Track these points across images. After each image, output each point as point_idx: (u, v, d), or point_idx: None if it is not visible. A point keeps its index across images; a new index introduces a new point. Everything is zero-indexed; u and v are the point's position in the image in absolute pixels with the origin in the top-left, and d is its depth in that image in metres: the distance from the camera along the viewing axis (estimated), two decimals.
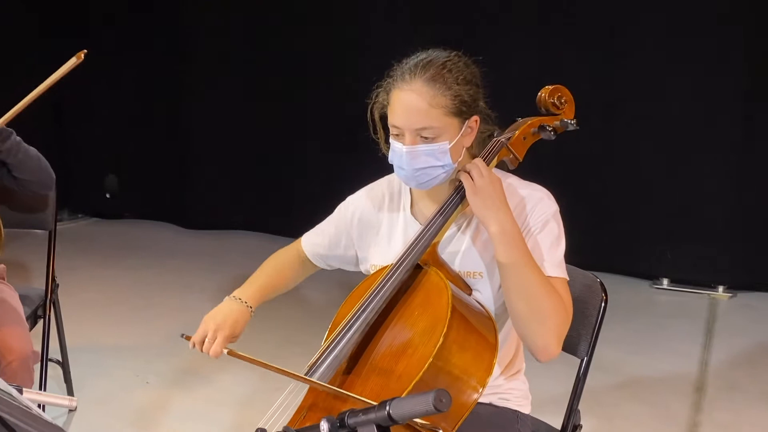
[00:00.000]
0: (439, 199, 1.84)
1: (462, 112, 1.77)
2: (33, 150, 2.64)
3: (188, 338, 1.83)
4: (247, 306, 1.94)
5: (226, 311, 1.90)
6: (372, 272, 1.92)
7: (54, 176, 2.73)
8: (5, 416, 1.03)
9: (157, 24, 5.97)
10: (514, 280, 1.71)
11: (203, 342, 1.83)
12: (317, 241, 2.09)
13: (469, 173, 1.76)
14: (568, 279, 1.80)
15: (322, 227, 2.10)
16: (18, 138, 2.59)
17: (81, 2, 6.10)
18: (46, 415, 0.96)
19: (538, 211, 1.82)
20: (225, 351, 1.79)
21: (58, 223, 3.07)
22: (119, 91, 6.17)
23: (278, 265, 2.10)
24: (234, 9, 5.73)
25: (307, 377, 1.68)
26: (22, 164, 2.60)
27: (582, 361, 2.06)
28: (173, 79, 6.00)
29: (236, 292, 1.97)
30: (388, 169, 1.87)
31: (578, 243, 2.22)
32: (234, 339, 1.88)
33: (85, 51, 2.40)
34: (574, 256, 1.93)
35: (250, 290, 1.98)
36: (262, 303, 2.00)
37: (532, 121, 1.92)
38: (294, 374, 1.66)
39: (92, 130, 6.35)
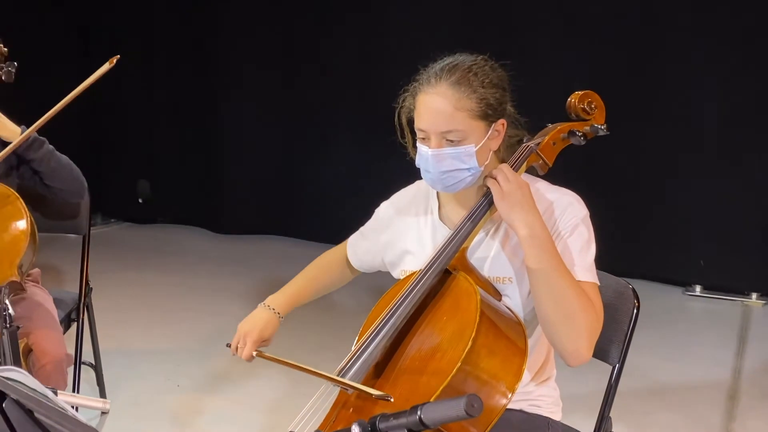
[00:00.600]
0: (467, 204, 1.84)
1: (488, 115, 1.77)
2: (65, 158, 2.68)
3: (229, 346, 1.98)
4: (276, 313, 2.02)
5: (256, 318, 2.00)
6: (402, 277, 1.93)
7: (85, 185, 2.76)
8: (42, 418, 1.05)
9: (191, 30, 6.03)
10: (543, 284, 1.70)
11: (237, 348, 1.96)
12: (358, 244, 2.13)
13: (495, 178, 1.76)
14: (598, 284, 1.79)
15: (363, 231, 2.13)
16: (50, 147, 2.63)
17: (114, 8, 6.18)
18: (82, 417, 0.98)
19: (568, 215, 1.81)
20: (255, 354, 1.93)
21: (91, 228, 3.11)
22: (152, 97, 6.24)
23: (319, 268, 2.16)
24: (266, 15, 5.77)
25: (334, 376, 1.69)
26: (54, 173, 2.64)
27: (614, 367, 2.05)
28: (205, 86, 6.06)
29: (268, 300, 2.05)
30: (416, 172, 1.87)
31: (610, 249, 2.21)
32: (265, 344, 1.98)
33: (118, 56, 2.43)
34: (605, 262, 1.91)
35: (281, 298, 2.05)
36: (293, 309, 2.07)
37: (562, 127, 1.91)
38: (322, 374, 1.68)
39: (125, 136, 6.44)
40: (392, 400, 1.59)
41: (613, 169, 4.88)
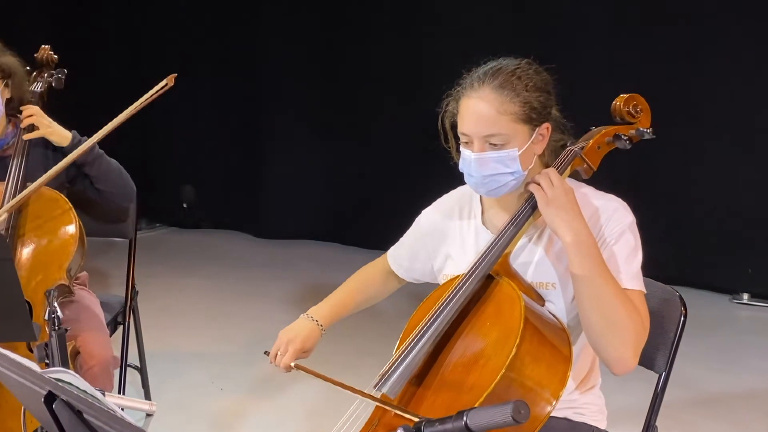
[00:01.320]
0: (510, 209, 1.83)
1: (532, 119, 1.76)
2: (115, 163, 2.73)
3: (268, 354, 1.98)
4: (318, 325, 2.01)
5: (298, 328, 1.99)
6: (443, 282, 1.93)
7: (135, 188, 2.81)
8: (91, 419, 1.06)
9: (235, 36, 6.09)
10: (588, 291, 1.69)
11: (276, 356, 1.95)
12: (399, 254, 2.13)
13: (539, 183, 1.74)
14: (645, 292, 1.77)
15: (403, 240, 2.13)
16: (101, 151, 2.68)
17: (161, 17, 6.27)
18: (130, 418, 0.99)
19: (614, 221, 1.79)
20: (293, 365, 1.92)
21: (137, 233, 3.15)
22: (197, 104, 6.31)
23: (361, 281, 2.16)
24: (309, 21, 5.81)
25: (371, 394, 1.67)
26: (104, 176, 2.69)
27: (660, 376, 2.02)
28: (249, 92, 6.11)
29: (311, 311, 2.04)
30: (460, 177, 1.87)
31: (656, 256, 2.18)
32: (305, 354, 1.98)
33: (176, 74, 2.46)
34: (651, 270, 1.89)
35: (324, 309, 2.05)
36: (335, 321, 2.06)
37: (607, 130, 1.90)
38: (359, 391, 1.66)
39: (170, 143, 6.51)
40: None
41: (659, 174, 4.82)
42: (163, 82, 2.46)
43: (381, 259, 2.18)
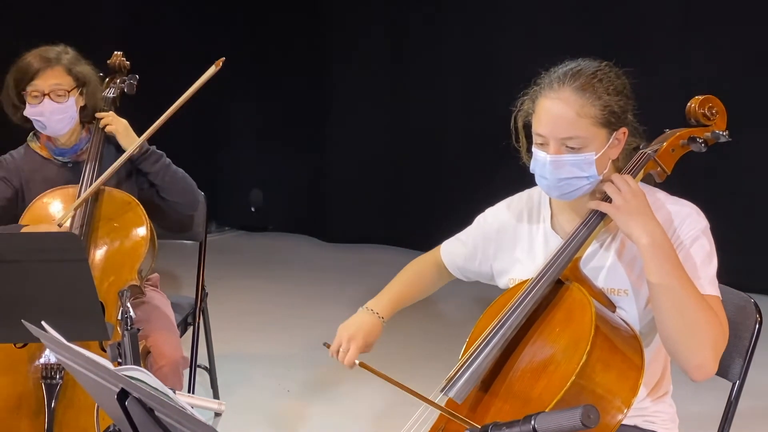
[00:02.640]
0: (581, 213, 1.80)
1: (610, 123, 1.73)
2: (181, 172, 2.75)
3: (328, 346, 1.92)
4: (379, 317, 1.98)
5: (359, 322, 1.96)
6: (511, 286, 1.90)
7: (199, 198, 2.84)
8: (162, 416, 1.08)
9: (301, 41, 6.15)
10: (667, 296, 1.64)
11: (338, 351, 1.90)
12: (455, 251, 2.09)
13: (610, 188, 1.71)
14: (721, 297, 1.73)
15: (461, 237, 2.09)
16: (167, 160, 2.71)
17: (229, 23, 6.36)
18: (200, 416, 1.00)
19: (687, 226, 1.75)
20: (357, 362, 1.83)
21: (207, 236, 3.20)
22: (263, 108, 6.39)
23: (415, 273, 2.13)
24: (376, 20, 5.83)
25: (434, 401, 1.64)
26: (169, 186, 2.72)
27: (734, 384, 1.96)
28: (315, 96, 6.16)
29: (369, 303, 2.01)
30: (529, 179, 1.84)
31: (730, 262, 2.13)
32: (367, 349, 1.93)
33: (224, 59, 2.49)
34: (725, 276, 1.84)
35: (383, 301, 2.02)
36: (395, 313, 2.03)
37: (681, 133, 1.85)
38: (423, 396, 1.63)
39: (238, 147, 6.61)
40: None
41: (734, 178, 4.69)
42: (211, 69, 2.49)
43: (434, 252, 2.14)
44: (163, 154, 2.71)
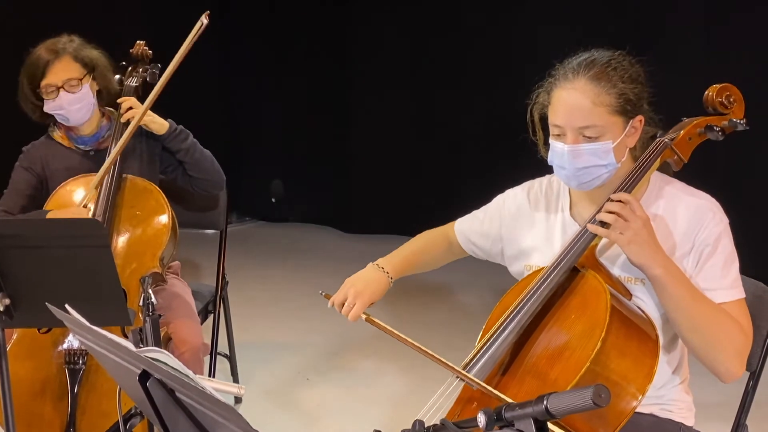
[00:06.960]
0: (599, 201, 1.80)
1: (626, 111, 1.74)
2: (207, 152, 2.83)
3: (327, 297, 1.94)
4: (388, 276, 1.99)
5: (368, 278, 1.97)
6: (527, 273, 1.92)
7: (224, 177, 2.89)
8: (182, 397, 1.10)
9: (325, 35, 6.16)
10: (683, 317, 1.69)
11: (342, 304, 1.91)
12: (470, 227, 2.10)
13: (617, 213, 1.68)
14: (744, 296, 1.75)
15: (477, 214, 2.10)
16: (194, 139, 2.78)
17: (251, 12, 6.39)
18: (220, 396, 1.02)
19: (708, 229, 1.75)
20: (363, 316, 1.86)
21: (228, 225, 3.22)
22: (285, 99, 6.41)
23: (426, 242, 2.14)
24: (397, 18, 5.83)
25: (444, 360, 1.67)
26: (197, 163, 2.79)
27: (751, 374, 1.96)
28: (338, 88, 6.18)
29: (380, 261, 2.02)
30: (548, 172, 1.85)
31: (748, 252, 2.11)
32: (371, 304, 1.93)
33: (208, 12, 2.50)
34: (742, 265, 1.84)
35: (394, 261, 2.03)
36: (402, 275, 2.03)
37: (699, 121, 1.85)
38: (432, 354, 1.65)
39: (260, 139, 6.64)
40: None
41: (751, 166, 4.65)
42: (197, 24, 2.50)
43: (446, 227, 2.15)
44: (189, 132, 2.78)
